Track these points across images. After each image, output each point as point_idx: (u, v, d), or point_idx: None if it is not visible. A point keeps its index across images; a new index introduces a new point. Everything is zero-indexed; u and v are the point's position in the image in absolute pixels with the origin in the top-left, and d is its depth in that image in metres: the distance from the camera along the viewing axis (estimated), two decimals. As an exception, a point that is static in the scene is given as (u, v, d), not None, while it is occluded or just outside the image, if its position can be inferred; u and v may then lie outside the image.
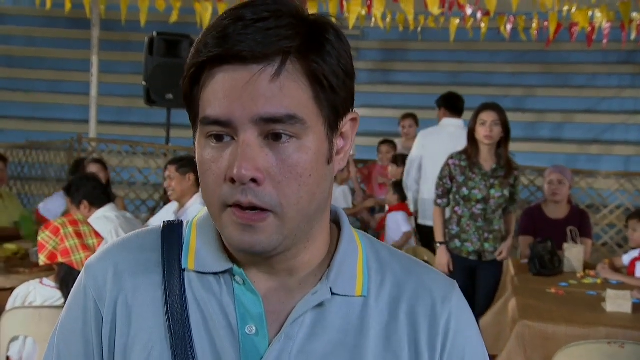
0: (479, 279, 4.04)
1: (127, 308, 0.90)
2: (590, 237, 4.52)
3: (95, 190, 3.74)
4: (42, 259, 2.77)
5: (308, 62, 0.82)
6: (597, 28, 7.80)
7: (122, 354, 0.90)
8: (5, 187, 5.07)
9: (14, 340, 2.80)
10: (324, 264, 0.92)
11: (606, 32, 7.82)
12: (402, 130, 6.80)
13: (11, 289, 3.00)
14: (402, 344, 0.91)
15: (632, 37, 8.22)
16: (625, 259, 4.03)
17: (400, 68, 11.99)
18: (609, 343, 2.63)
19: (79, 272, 2.71)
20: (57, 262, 2.77)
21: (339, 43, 0.85)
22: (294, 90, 0.81)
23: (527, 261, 4.02)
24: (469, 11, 8.10)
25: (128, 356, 0.89)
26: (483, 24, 8.36)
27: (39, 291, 2.85)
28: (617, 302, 3.12)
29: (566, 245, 4.10)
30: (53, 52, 11.93)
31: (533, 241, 4.08)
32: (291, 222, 0.84)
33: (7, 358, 2.81)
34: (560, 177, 4.44)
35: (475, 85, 10.92)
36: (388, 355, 0.90)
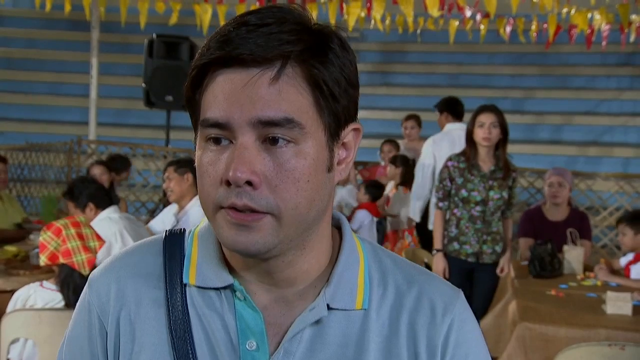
0: (477, 281, 4.04)
1: (130, 324, 0.91)
2: (589, 239, 4.53)
3: (98, 192, 3.74)
4: (43, 260, 2.77)
5: (308, 67, 0.82)
6: (596, 30, 7.80)
7: None
8: (5, 190, 5.06)
9: (14, 342, 2.79)
10: (325, 275, 0.92)
11: (605, 34, 7.83)
12: (404, 131, 6.81)
13: (11, 291, 3.00)
14: (402, 357, 0.90)
15: (631, 39, 8.23)
16: (622, 262, 4.03)
17: (399, 70, 12.00)
18: (610, 345, 2.63)
19: (80, 273, 2.73)
20: (58, 263, 2.76)
21: (343, 52, 0.85)
22: (293, 94, 0.81)
23: (527, 263, 4.02)
24: (468, 13, 8.10)
25: None
26: (482, 26, 8.36)
27: (39, 294, 2.84)
28: (617, 304, 3.12)
29: (566, 247, 4.10)
30: (53, 54, 11.93)
31: (533, 243, 4.08)
32: (288, 226, 0.83)
33: (7, 360, 2.81)
34: (560, 180, 4.44)
35: (475, 87, 10.93)
36: None
